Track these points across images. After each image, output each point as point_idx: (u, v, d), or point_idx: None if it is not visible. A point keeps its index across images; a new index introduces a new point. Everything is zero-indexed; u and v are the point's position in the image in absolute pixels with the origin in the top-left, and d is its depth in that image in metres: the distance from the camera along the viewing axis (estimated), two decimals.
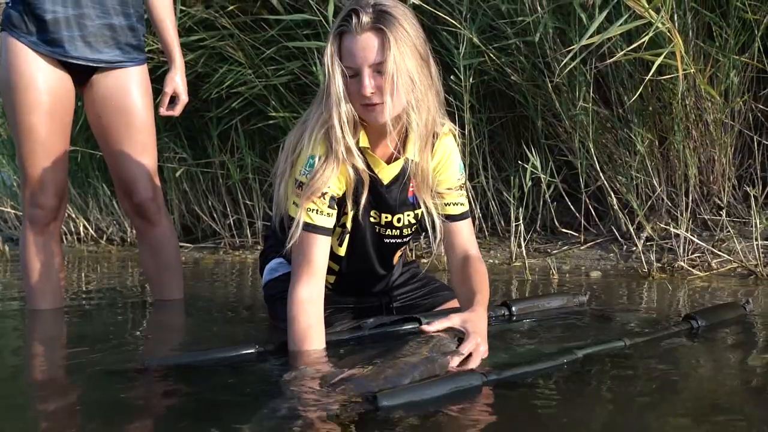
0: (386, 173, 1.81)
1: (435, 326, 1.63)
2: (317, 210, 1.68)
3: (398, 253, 1.98)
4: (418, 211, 1.87)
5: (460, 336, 1.60)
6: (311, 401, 1.30)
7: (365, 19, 1.60)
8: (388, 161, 1.80)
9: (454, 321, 1.63)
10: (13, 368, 1.77)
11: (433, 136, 1.77)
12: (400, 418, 1.23)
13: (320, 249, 1.70)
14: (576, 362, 1.56)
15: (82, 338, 2.01)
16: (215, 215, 4.47)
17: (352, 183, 1.74)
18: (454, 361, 1.51)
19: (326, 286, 1.96)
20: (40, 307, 2.33)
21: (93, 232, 4.88)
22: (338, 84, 1.64)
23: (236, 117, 4.04)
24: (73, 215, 4.88)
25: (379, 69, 1.63)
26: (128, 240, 4.70)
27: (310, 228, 1.68)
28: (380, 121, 1.66)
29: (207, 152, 4.38)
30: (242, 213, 4.31)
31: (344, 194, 1.75)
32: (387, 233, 1.87)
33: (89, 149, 4.40)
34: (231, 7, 3.76)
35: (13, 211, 5.08)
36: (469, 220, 1.88)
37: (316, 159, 1.68)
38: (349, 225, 1.82)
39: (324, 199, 1.69)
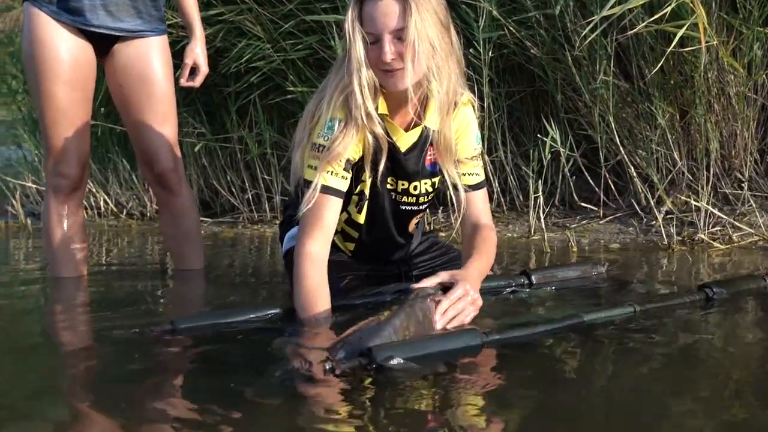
0: (404, 140, 1.81)
1: (423, 282, 1.63)
2: (332, 171, 1.69)
3: (414, 221, 1.98)
4: (435, 180, 1.88)
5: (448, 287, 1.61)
6: (312, 361, 1.31)
7: None
8: (407, 128, 1.81)
9: (442, 276, 1.64)
10: (39, 333, 1.79)
11: (453, 105, 1.77)
12: (396, 375, 1.25)
13: (331, 210, 1.70)
14: (581, 327, 1.55)
15: (104, 304, 2.04)
16: (234, 190, 4.48)
17: (370, 149, 1.74)
18: (441, 306, 1.53)
19: (346, 254, 1.99)
20: (62, 275, 2.36)
21: (113, 207, 4.90)
22: (359, 49, 1.64)
23: (255, 92, 4.05)
24: (94, 190, 4.91)
25: (399, 35, 1.63)
26: (148, 214, 4.72)
27: (323, 189, 1.68)
28: (400, 88, 1.66)
29: (225, 127, 4.39)
30: (260, 188, 4.32)
31: (361, 160, 1.76)
32: (403, 200, 1.88)
33: (109, 124, 4.44)
34: None
35: (34, 186, 5.11)
36: (484, 191, 1.89)
37: (336, 122, 1.69)
38: (367, 192, 1.82)
39: (339, 161, 1.69)
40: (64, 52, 2.22)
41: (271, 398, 1.18)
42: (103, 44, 2.29)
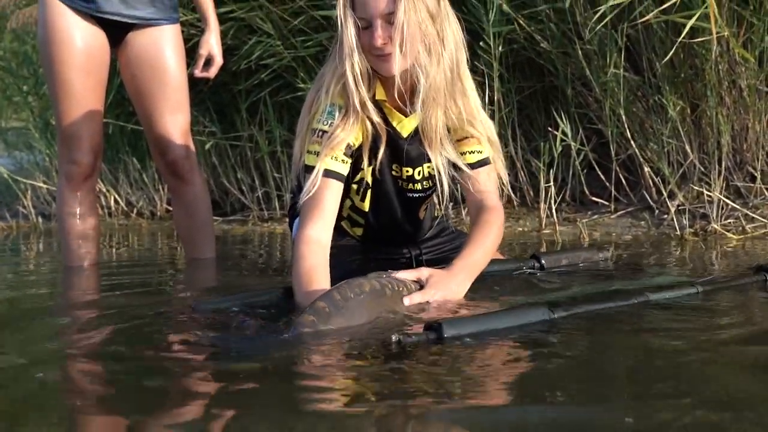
0: (405, 126, 1.80)
1: (402, 274, 1.61)
2: (333, 156, 1.68)
3: (423, 207, 1.97)
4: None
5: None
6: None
7: None
8: (407, 114, 1.79)
9: (422, 273, 1.62)
10: (56, 320, 1.76)
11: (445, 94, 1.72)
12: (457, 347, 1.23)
13: (331, 193, 1.69)
14: (647, 304, 1.52)
15: (119, 289, 2.02)
16: (244, 188, 4.49)
17: (369, 136, 1.74)
18: (409, 299, 1.53)
19: (354, 238, 1.98)
20: (75, 264, 2.37)
21: (124, 206, 4.93)
22: (351, 35, 1.64)
23: (265, 89, 4.06)
24: (104, 190, 4.94)
25: (389, 19, 1.62)
26: (158, 214, 4.74)
27: (324, 173, 1.67)
28: (392, 72, 1.65)
29: (235, 126, 4.40)
30: (270, 186, 4.33)
31: (360, 147, 1.75)
32: (409, 187, 1.87)
33: (120, 122, 4.46)
34: None
35: (45, 186, 5.14)
36: (488, 167, 1.83)
37: (335, 108, 1.69)
38: (369, 179, 1.81)
39: (339, 146, 1.68)
40: (78, 39, 2.23)
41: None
42: (116, 33, 2.31)
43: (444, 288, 1.59)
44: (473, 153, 1.81)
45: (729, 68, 3.03)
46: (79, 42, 2.23)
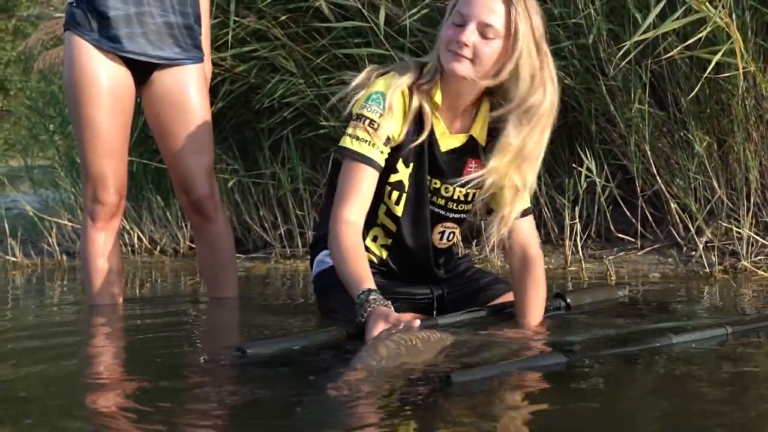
0: (446, 141, 1.81)
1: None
2: (371, 143, 1.69)
3: (438, 228, 1.92)
4: (471, 192, 1.85)
5: None
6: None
7: None
8: (453, 132, 1.81)
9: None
10: (75, 360, 1.75)
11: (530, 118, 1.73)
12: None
13: (368, 179, 1.71)
14: (670, 347, 1.46)
15: (141, 329, 2.02)
16: (266, 226, 4.49)
17: (409, 134, 1.75)
18: None
19: (377, 266, 1.92)
20: (99, 303, 2.36)
21: (147, 244, 4.94)
22: (444, 29, 1.70)
23: (287, 127, 4.08)
24: (128, 227, 4.96)
25: (484, 31, 1.63)
26: (181, 251, 4.74)
27: (361, 158, 1.69)
28: (455, 71, 1.67)
29: (258, 163, 4.42)
30: (293, 223, 4.32)
31: (398, 146, 1.76)
32: (433, 199, 1.86)
33: (144, 160, 4.49)
34: (283, 18, 3.80)
35: (70, 224, 5.17)
36: (530, 218, 1.86)
37: (381, 97, 1.70)
38: (406, 183, 1.81)
39: (379, 134, 1.70)
40: (104, 78, 2.25)
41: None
42: (141, 72, 2.32)
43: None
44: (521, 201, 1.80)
45: (756, 103, 3.01)
46: (105, 81, 2.25)
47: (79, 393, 1.36)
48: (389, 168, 1.78)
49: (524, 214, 1.82)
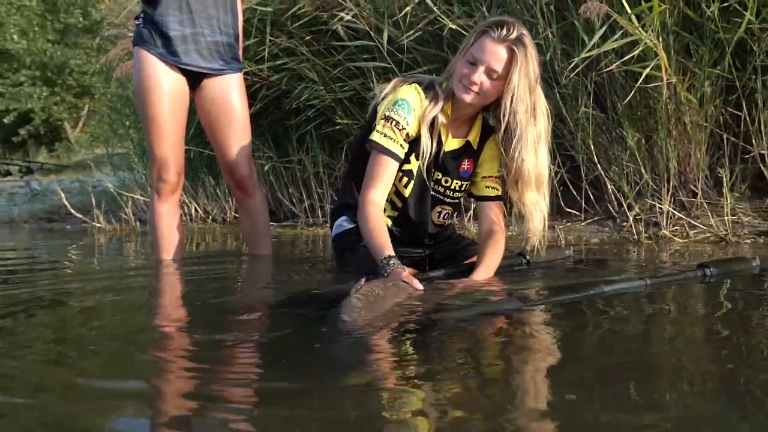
0: (449, 144, 1.81)
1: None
2: (394, 140, 1.70)
3: (437, 208, 1.92)
4: (464, 183, 1.86)
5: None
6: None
7: (507, 35, 1.59)
8: (454, 137, 1.81)
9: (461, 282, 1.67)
10: (144, 306, 1.74)
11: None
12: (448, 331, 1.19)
13: (391, 168, 1.71)
14: (602, 296, 1.42)
15: (197, 280, 2.02)
16: (294, 201, 4.50)
17: (422, 135, 1.74)
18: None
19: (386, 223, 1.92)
20: (165, 258, 2.36)
21: (202, 214, 4.95)
22: (459, 64, 1.67)
23: (311, 124, 4.07)
24: (187, 201, 4.96)
25: (490, 74, 1.62)
26: (228, 220, 4.76)
27: (387, 152, 1.69)
28: (464, 100, 1.68)
29: (288, 152, 4.42)
30: (315, 199, 4.33)
31: (413, 141, 1.74)
32: (433, 187, 1.86)
33: (199, 149, 4.49)
34: (308, 38, 3.78)
35: (142, 198, 5.18)
36: (500, 203, 1.86)
37: (405, 104, 1.70)
38: (415, 171, 1.80)
39: (402, 133, 1.70)
40: (165, 84, 2.23)
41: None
42: (194, 80, 2.30)
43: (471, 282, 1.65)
44: (494, 189, 1.84)
45: (676, 107, 2.99)
46: (167, 87, 2.23)
47: (142, 326, 1.36)
48: (404, 159, 1.77)
49: (497, 198, 1.84)
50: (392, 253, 1.60)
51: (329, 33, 3.72)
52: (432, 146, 1.76)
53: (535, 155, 1.67)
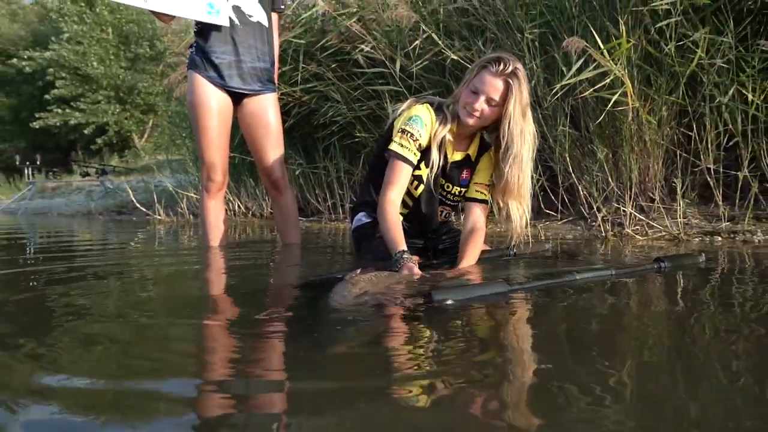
0: (453, 157, 1.79)
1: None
2: (409, 149, 1.68)
3: (440, 209, 1.91)
4: (463, 189, 1.84)
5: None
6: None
7: (504, 69, 1.56)
8: (458, 150, 1.79)
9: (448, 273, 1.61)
10: (197, 282, 1.73)
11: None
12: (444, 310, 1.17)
13: (406, 173, 1.69)
14: (574, 282, 1.39)
15: (240, 263, 2.01)
16: (319, 200, 4.49)
17: (432, 147, 1.72)
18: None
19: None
20: (213, 245, 2.37)
21: (243, 209, 4.95)
22: (463, 92, 1.65)
23: (335, 137, 4.06)
24: (231, 198, 4.97)
25: (489, 101, 1.60)
26: (264, 214, 4.75)
27: (402, 158, 1.67)
28: (467, 124, 1.66)
29: (315, 160, 4.41)
30: (336, 198, 4.32)
31: (425, 151, 1.73)
32: (439, 191, 1.84)
33: (243, 156, 4.48)
34: (333, 65, 3.77)
35: (194, 196, 5.19)
36: (485, 206, 1.82)
37: (419, 119, 1.68)
38: (424, 177, 1.78)
39: (415, 144, 1.68)
40: (213, 102, 2.23)
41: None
42: (237, 98, 2.30)
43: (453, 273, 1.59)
44: (482, 194, 1.80)
45: (638, 128, 2.95)
46: (214, 104, 2.23)
47: (192, 295, 1.36)
48: (416, 166, 1.75)
49: (483, 202, 1.80)
50: (405, 248, 1.58)
51: (351, 61, 3.70)
52: (440, 160, 1.74)
53: (521, 170, 1.64)
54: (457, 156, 1.79)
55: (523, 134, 1.61)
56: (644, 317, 1.13)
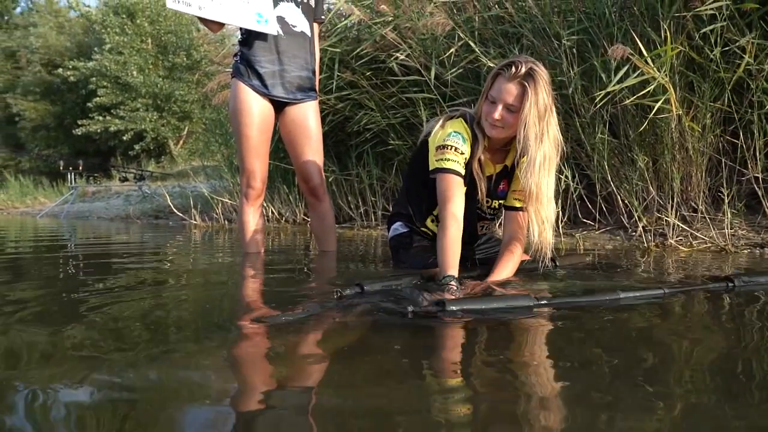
0: (488, 169, 1.73)
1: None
2: (456, 161, 1.62)
3: (480, 223, 1.87)
4: (501, 202, 1.79)
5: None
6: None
7: (517, 73, 1.50)
8: (495, 163, 1.74)
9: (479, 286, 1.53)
10: (232, 285, 1.74)
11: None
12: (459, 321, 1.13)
13: (457, 183, 1.60)
14: (617, 302, 1.27)
15: (275, 269, 2.00)
16: (351, 207, 4.48)
17: (471, 162, 1.68)
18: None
19: (430, 239, 1.87)
20: (249, 251, 2.37)
21: (276, 215, 4.98)
22: (481, 104, 1.60)
23: (368, 144, 4.05)
24: (265, 204, 5.00)
25: (507, 108, 1.54)
26: (298, 220, 4.76)
27: (454, 172, 1.60)
28: (493, 135, 1.60)
29: (348, 167, 4.40)
30: (369, 205, 4.30)
31: (465, 166, 1.68)
32: (478, 205, 1.79)
33: (276, 162, 4.51)
34: (368, 73, 3.76)
35: (230, 201, 5.24)
36: (523, 213, 1.73)
37: (459, 135, 1.63)
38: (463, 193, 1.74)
39: (462, 157, 1.63)
40: (256, 109, 2.23)
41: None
42: (279, 106, 2.30)
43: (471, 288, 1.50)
44: (518, 200, 1.72)
45: (680, 135, 2.85)
46: (256, 111, 2.23)
47: (226, 306, 1.35)
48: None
49: (520, 209, 1.72)
50: (455, 273, 1.48)
51: (386, 69, 3.69)
52: (483, 182, 1.70)
53: (538, 175, 1.53)
54: (491, 169, 1.74)
55: (539, 138, 1.51)
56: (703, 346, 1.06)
